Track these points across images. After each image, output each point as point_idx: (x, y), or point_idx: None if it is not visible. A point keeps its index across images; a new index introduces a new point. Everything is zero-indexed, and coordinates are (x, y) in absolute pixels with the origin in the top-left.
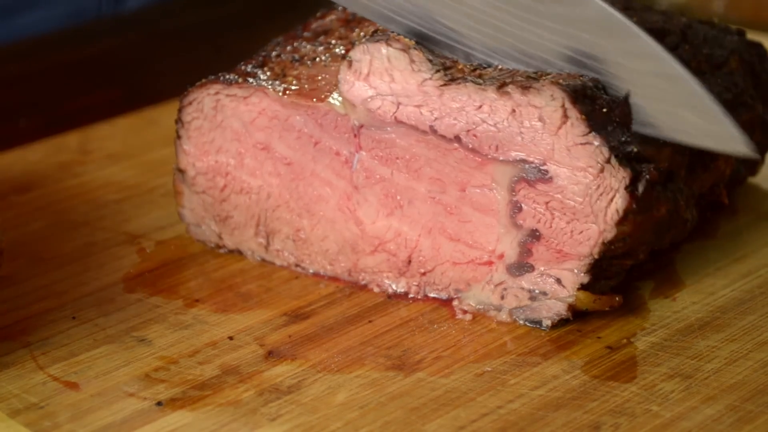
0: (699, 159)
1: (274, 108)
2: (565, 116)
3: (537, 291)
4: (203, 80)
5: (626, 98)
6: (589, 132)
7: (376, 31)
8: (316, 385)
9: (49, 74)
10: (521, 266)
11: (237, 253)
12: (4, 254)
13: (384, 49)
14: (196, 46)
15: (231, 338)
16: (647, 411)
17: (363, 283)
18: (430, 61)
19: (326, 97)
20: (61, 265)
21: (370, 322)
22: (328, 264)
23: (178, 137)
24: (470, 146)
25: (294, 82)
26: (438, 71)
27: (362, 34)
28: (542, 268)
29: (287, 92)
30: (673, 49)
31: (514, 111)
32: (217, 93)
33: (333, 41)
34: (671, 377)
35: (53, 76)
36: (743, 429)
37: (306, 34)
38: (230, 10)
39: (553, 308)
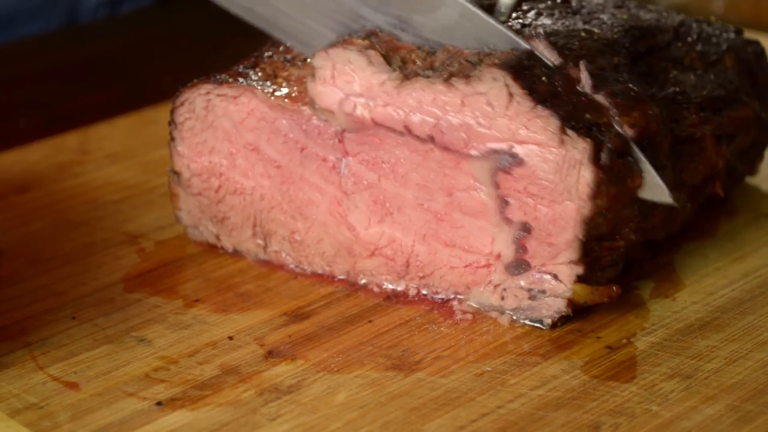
0: (686, 146)
1: (262, 109)
2: (510, 94)
3: (536, 290)
4: (195, 80)
5: (562, 65)
6: (536, 104)
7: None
8: (315, 385)
9: (49, 74)
10: (518, 264)
11: (236, 254)
12: (3, 254)
13: (343, 53)
14: (196, 46)
15: (231, 338)
16: (647, 411)
17: (362, 283)
18: (386, 58)
19: (309, 102)
20: (60, 265)
21: (369, 322)
22: (326, 266)
23: (172, 139)
24: (443, 144)
25: (283, 84)
26: (394, 69)
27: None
28: (538, 265)
29: (275, 94)
30: (665, 46)
31: (463, 102)
32: (207, 93)
33: None
34: (671, 377)
35: (53, 76)
36: (743, 429)
37: None
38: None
39: (552, 305)
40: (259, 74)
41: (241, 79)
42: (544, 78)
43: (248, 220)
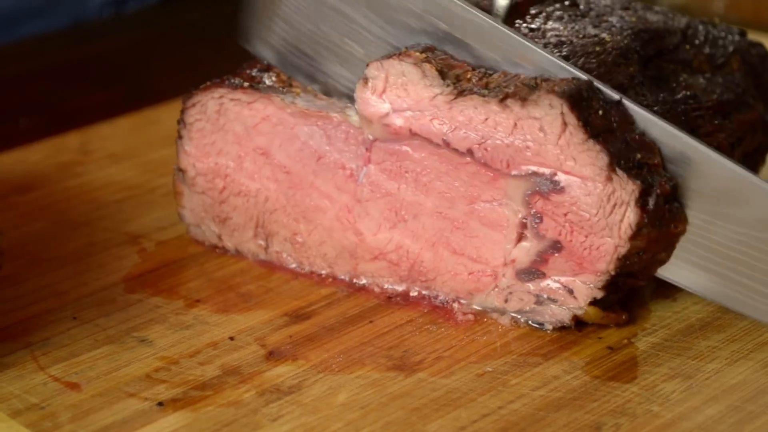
0: None
1: (280, 116)
2: (564, 123)
3: (545, 297)
4: (208, 83)
5: (620, 100)
6: (588, 138)
7: None
8: (317, 386)
9: (50, 74)
10: (531, 272)
11: (237, 254)
12: (5, 254)
13: (398, 65)
14: (196, 46)
15: (232, 338)
16: (648, 411)
17: (363, 284)
18: (441, 74)
19: (342, 109)
20: (61, 265)
21: (370, 322)
22: (327, 267)
23: (180, 137)
24: (482, 160)
25: (300, 93)
26: (448, 85)
27: None
28: (555, 277)
29: (295, 102)
30: (673, 49)
31: (516, 124)
32: (221, 97)
33: None
34: (672, 377)
35: (54, 76)
36: (744, 429)
37: None
38: (230, 10)
39: (557, 315)
40: (273, 79)
41: (256, 85)
42: (600, 111)
43: (250, 221)
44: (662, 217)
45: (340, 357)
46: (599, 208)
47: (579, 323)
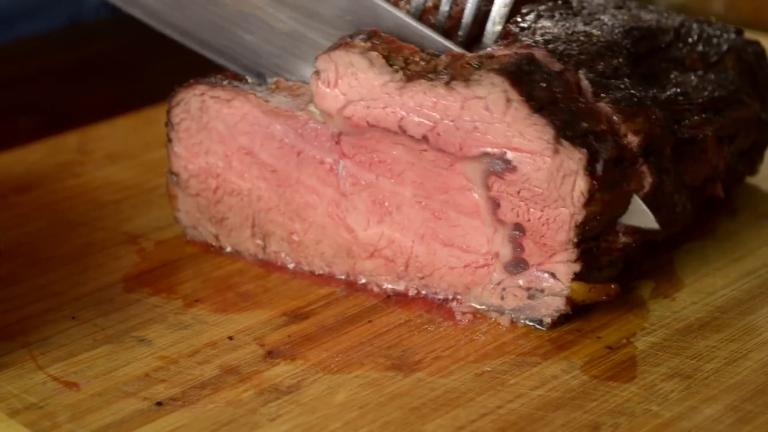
0: (688, 148)
1: (256, 115)
2: (508, 100)
3: (534, 288)
4: (190, 81)
5: (562, 71)
6: (533, 112)
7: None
8: (315, 385)
9: (49, 74)
10: (517, 263)
11: (235, 254)
12: (3, 254)
13: (345, 55)
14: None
15: (230, 338)
16: (647, 411)
17: (362, 283)
18: (388, 60)
19: (305, 106)
20: (60, 265)
21: (369, 322)
22: (326, 266)
23: (169, 140)
24: (437, 146)
25: (276, 89)
26: (396, 71)
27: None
28: (536, 264)
29: (268, 99)
30: (666, 47)
31: (462, 105)
32: (202, 94)
33: None
34: (671, 377)
35: (53, 77)
36: (743, 429)
37: None
38: None
39: (551, 304)
40: (253, 78)
41: (235, 83)
42: (543, 84)
43: (247, 221)
44: (613, 180)
45: (339, 357)
46: (549, 181)
47: (578, 321)
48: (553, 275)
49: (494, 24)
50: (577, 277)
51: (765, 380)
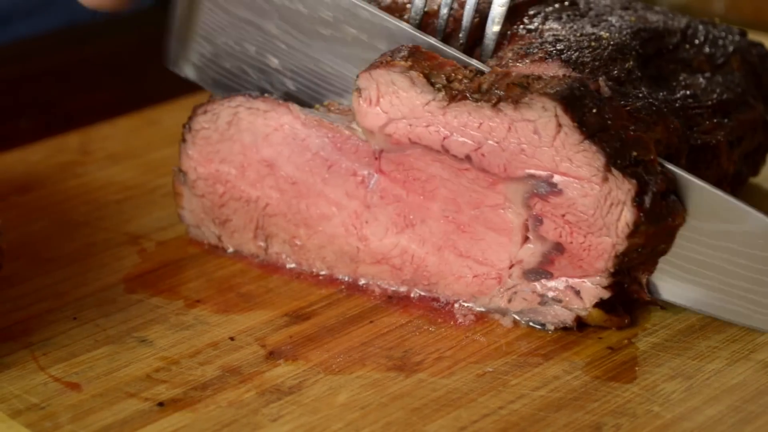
0: (701, 155)
1: (294, 126)
2: (559, 125)
3: (550, 297)
4: (227, 94)
5: (612, 96)
6: (584, 139)
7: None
8: (317, 386)
9: (50, 75)
10: (539, 272)
11: (237, 255)
12: (5, 254)
13: (386, 74)
14: None
15: (232, 339)
16: (648, 411)
17: (363, 284)
18: (429, 80)
19: (349, 124)
20: (62, 265)
21: (371, 322)
22: (327, 269)
23: (184, 141)
24: (480, 166)
25: (320, 107)
26: (439, 90)
27: None
28: (563, 278)
29: (312, 115)
30: (673, 48)
31: (510, 127)
32: (238, 106)
33: None
34: (672, 378)
35: (54, 77)
36: (744, 429)
37: None
38: None
39: (559, 315)
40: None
41: (276, 97)
42: (594, 109)
43: (250, 223)
44: (659, 213)
45: (341, 357)
46: (596, 208)
47: (580, 324)
48: (577, 293)
49: (493, 24)
50: (599, 303)
51: (767, 381)
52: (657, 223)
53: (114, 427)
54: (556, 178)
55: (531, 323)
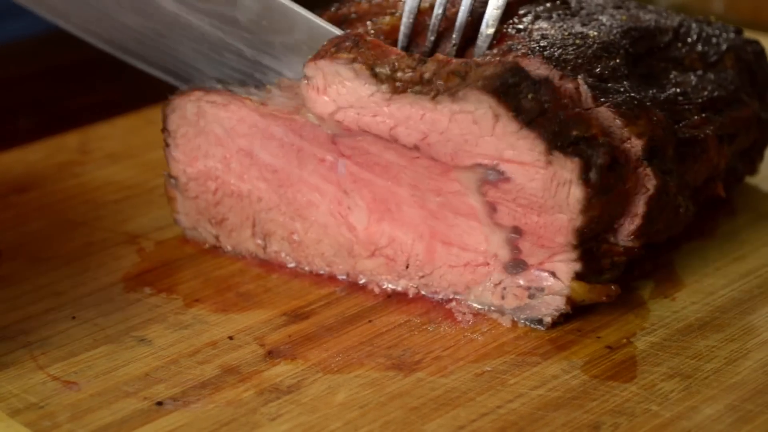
0: (689, 148)
1: (253, 117)
2: (496, 115)
3: (534, 288)
4: (184, 87)
5: (547, 78)
6: (522, 126)
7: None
8: (315, 385)
9: (49, 74)
10: (516, 264)
11: (236, 254)
12: (3, 254)
13: (330, 65)
14: None
15: (231, 338)
16: (647, 411)
17: (362, 283)
18: (373, 72)
19: (299, 109)
20: (60, 264)
21: (369, 322)
22: (326, 266)
23: (167, 145)
24: (429, 155)
25: (270, 91)
26: (382, 81)
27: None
28: (536, 264)
29: (264, 104)
30: (665, 47)
31: (451, 119)
32: (198, 99)
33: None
34: (671, 377)
35: (53, 77)
36: (743, 429)
37: None
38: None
39: (552, 303)
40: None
41: (230, 87)
42: (530, 95)
43: (247, 221)
44: (609, 183)
45: (339, 356)
46: (545, 190)
47: (578, 321)
48: (553, 274)
49: (487, 27)
50: (578, 276)
51: (765, 380)
52: (609, 193)
53: (113, 426)
54: (503, 166)
55: (528, 323)
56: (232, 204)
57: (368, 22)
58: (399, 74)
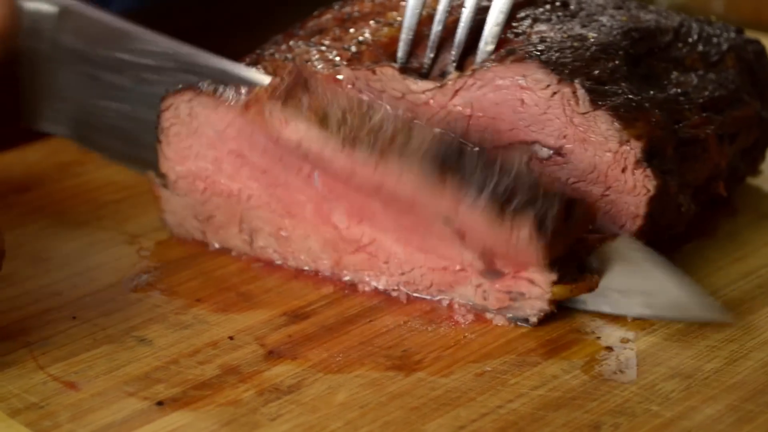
0: (690, 148)
1: (240, 121)
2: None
3: (514, 292)
4: (179, 86)
5: (482, 144)
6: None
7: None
8: (316, 385)
9: None
10: (492, 272)
11: (236, 254)
12: (4, 254)
13: (285, 109)
14: (196, 46)
15: (231, 338)
16: (647, 411)
17: (346, 279)
18: (324, 123)
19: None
20: (60, 265)
21: (370, 322)
22: (312, 261)
23: (159, 141)
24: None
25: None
26: (332, 134)
27: (356, 33)
28: (512, 273)
29: (246, 110)
30: (665, 47)
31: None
32: (190, 100)
33: (327, 42)
34: (671, 377)
35: None
36: (743, 429)
37: (301, 32)
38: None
39: (535, 305)
40: (233, 87)
41: (221, 89)
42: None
43: (234, 217)
44: (564, 229)
45: (340, 356)
46: (506, 243)
47: (578, 321)
48: (531, 281)
49: (486, 44)
50: (558, 280)
51: (765, 380)
52: (567, 236)
53: (113, 427)
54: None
55: (515, 321)
56: (219, 202)
57: (366, 31)
58: (346, 128)
